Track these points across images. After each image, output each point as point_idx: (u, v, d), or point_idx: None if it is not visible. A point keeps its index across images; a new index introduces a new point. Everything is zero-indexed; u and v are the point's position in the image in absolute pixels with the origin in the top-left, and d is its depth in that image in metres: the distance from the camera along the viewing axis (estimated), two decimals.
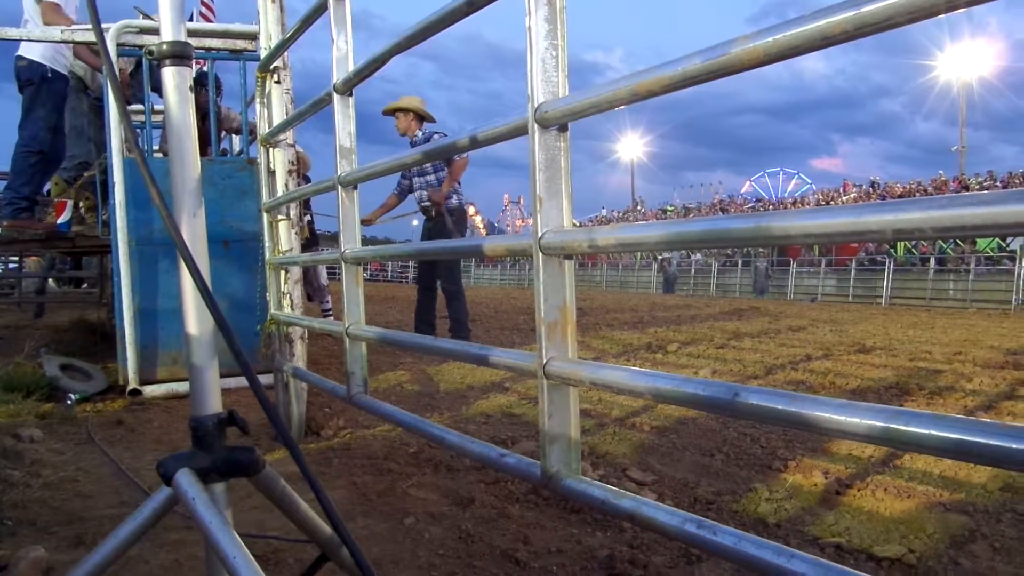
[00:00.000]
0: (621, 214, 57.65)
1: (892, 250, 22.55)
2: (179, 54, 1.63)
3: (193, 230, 1.65)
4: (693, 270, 30.30)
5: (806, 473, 3.08)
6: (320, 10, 2.48)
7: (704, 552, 1.98)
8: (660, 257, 30.89)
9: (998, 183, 32.40)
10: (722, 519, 2.62)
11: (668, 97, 1.22)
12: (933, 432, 0.95)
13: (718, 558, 1.96)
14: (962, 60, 43.72)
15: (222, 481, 1.65)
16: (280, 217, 3.54)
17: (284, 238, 3.56)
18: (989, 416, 4.14)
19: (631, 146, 65.37)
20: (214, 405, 1.67)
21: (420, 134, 6.89)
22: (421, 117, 6.92)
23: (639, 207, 57.84)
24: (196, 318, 1.61)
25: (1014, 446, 0.88)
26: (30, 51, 5.62)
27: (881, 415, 1.00)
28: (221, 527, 1.49)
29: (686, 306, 13.41)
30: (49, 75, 5.67)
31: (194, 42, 5.11)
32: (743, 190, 52.02)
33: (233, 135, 7.34)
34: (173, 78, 1.63)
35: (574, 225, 1.54)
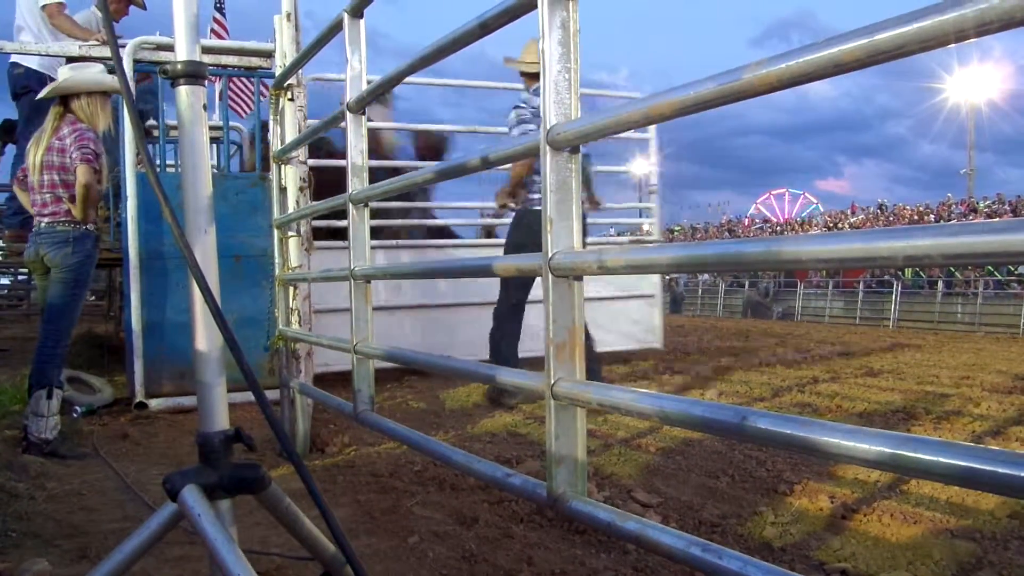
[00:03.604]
0: (630, 234, 57.60)
1: (900, 272, 22.49)
2: (193, 73, 1.65)
3: (204, 246, 1.66)
4: (700, 290, 30.26)
5: (812, 497, 3.06)
6: (335, 29, 2.50)
7: None
8: (668, 277, 30.86)
9: (1006, 206, 32.32)
10: (727, 542, 2.60)
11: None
12: (941, 459, 0.95)
13: None
14: (969, 84, 43.77)
15: (228, 498, 1.65)
16: (291, 234, 3.56)
17: (294, 254, 3.57)
18: (997, 442, 4.12)
19: (641, 166, 65.38)
20: (221, 422, 1.68)
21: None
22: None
23: (645, 227, 57.72)
24: (205, 334, 1.63)
25: (1022, 474, 0.88)
26: (27, 58, 5.56)
27: (889, 441, 1.00)
28: (226, 544, 1.49)
29: (694, 328, 13.40)
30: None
31: (210, 59, 5.17)
32: (750, 211, 51.99)
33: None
34: (187, 97, 1.66)
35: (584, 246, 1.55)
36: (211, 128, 7.00)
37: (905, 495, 3.08)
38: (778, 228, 45.87)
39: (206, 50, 5.06)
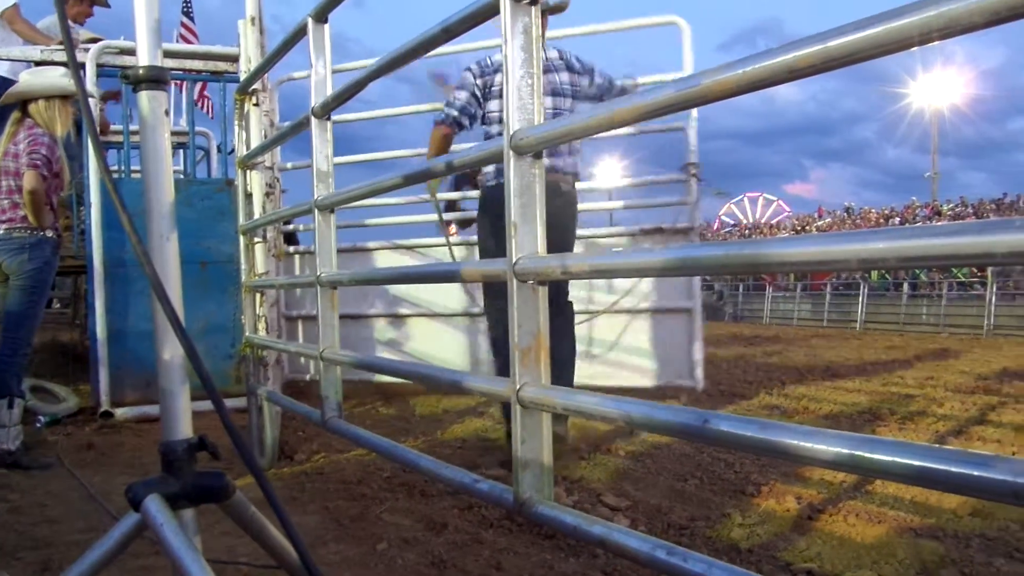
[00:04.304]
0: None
1: (867, 275, 22.78)
2: (155, 78, 1.63)
3: (166, 254, 1.65)
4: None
5: (779, 498, 3.09)
6: (299, 34, 2.49)
7: None
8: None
9: (969, 208, 32.90)
10: (695, 544, 2.62)
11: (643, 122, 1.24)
12: (898, 459, 0.97)
13: None
14: (933, 89, 44.53)
15: (191, 507, 1.64)
16: (257, 239, 3.53)
17: (260, 260, 3.55)
18: (959, 441, 4.19)
19: (609, 171, 65.77)
20: (185, 430, 1.66)
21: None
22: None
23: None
24: (167, 342, 1.61)
25: (975, 473, 0.90)
26: None
27: (847, 442, 1.02)
28: (189, 554, 1.47)
29: None
30: None
31: (174, 63, 5.12)
32: (720, 213, 52.37)
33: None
34: (148, 102, 1.64)
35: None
36: (177, 133, 6.98)
37: (870, 495, 3.11)
38: (747, 231, 46.30)
39: (171, 54, 5.01)
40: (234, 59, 4.74)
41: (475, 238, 4.04)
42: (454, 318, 5.35)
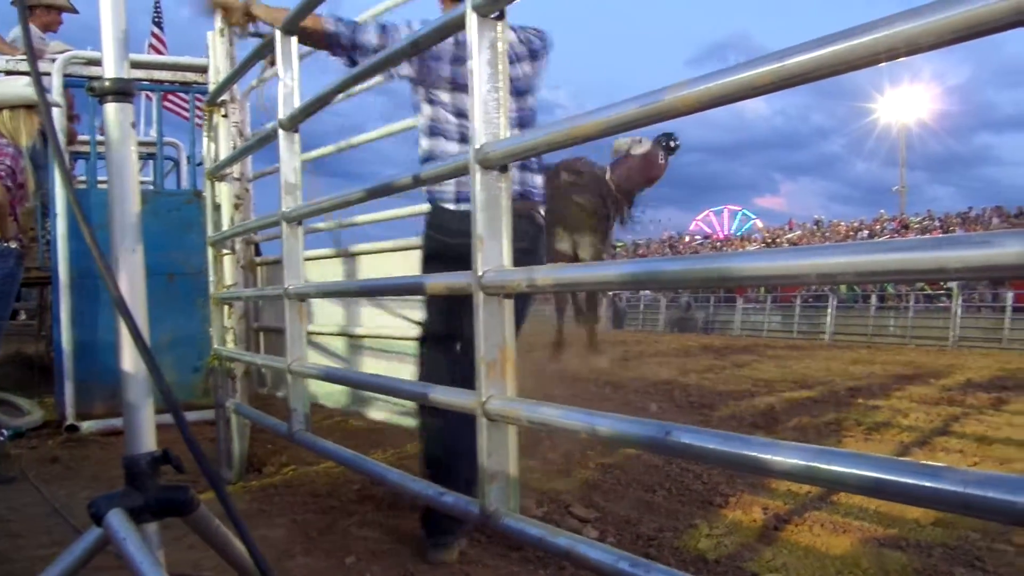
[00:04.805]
0: None
1: (835, 287, 23.04)
2: (121, 91, 1.63)
3: (131, 266, 1.64)
4: (642, 305, 30.52)
5: (746, 509, 3.11)
6: (267, 47, 2.49)
7: None
8: (611, 292, 31.05)
9: (936, 222, 33.41)
10: (663, 555, 2.63)
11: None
12: (853, 471, 0.98)
13: None
14: (900, 104, 45.30)
15: (154, 521, 1.62)
16: (225, 251, 3.51)
17: (229, 272, 3.52)
18: (923, 451, 4.25)
19: None
20: (148, 443, 1.65)
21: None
22: None
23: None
24: (131, 354, 1.59)
25: (927, 484, 0.91)
26: None
27: (804, 454, 1.03)
28: (152, 568, 1.46)
29: (636, 341, 13.56)
30: None
31: (143, 74, 5.08)
32: (691, 227, 52.74)
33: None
34: (115, 114, 1.63)
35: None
36: (146, 144, 6.91)
37: (835, 506, 3.15)
38: (718, 244, 46.65)
39: (139, 65, 4.98)
40: (203, 70, 4.71)
41: None
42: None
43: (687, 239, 48.95)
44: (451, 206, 2.65)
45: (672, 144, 11.19)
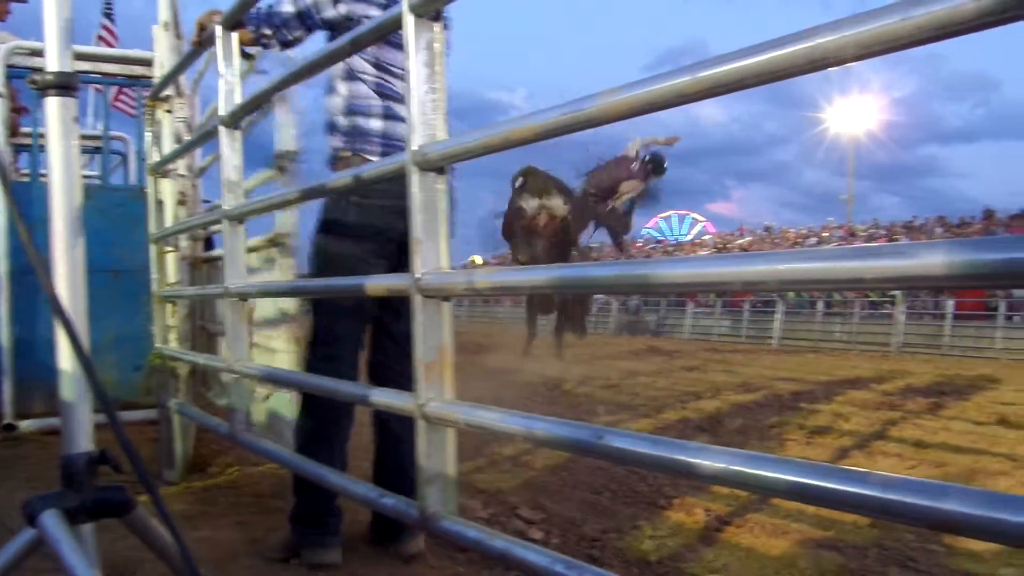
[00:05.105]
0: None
1: (784, 293, 23.41)
2: (64, 84, 1.59)
3: (71, 262, 1.60)
4: (595, 308, 30.68)
5: (689, 511, 3.15)
6: (208, 43, 2.45)
7: None
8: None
9: (882, 230, 34.11)
10: (606, 557, 2.65)
11: (567, 136, 1.26)
12: (780, 476, 1.00)
13: None
14: (850, 114, 46.24)
15: (91, 522, 1.59)
16: (168, 248, 3.45)
17: (172, 270, 3.46)
18: (862, 455, 4.33)
19: None
20: (85, 443, 1.62)
21: None
22: None
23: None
24: (68, 352, 1.56)
25: (850, 489, 0.93)
26: None
27: (733, 458, 1.05)
28: (86, 570, 1.43)
29: (585, 344, 13.62)
30: None
31: (90, 66, 4.97)
32: (643, 231, 53.13)
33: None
34: (57, 109, 1.60)
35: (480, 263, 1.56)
36: (92, 137, 6.76)
37: (775, 508, 3.20)
38: (670, 248, 47.09)
39: (85, 57, 4.87)
40: (150, 63, 4.63)
41: None
42: None
43: (639, 243, 49.34)
44: (376, 159, 2.50)
45: (655, 164, 11.52)
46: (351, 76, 2.54)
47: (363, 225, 2.46)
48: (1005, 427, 5.29)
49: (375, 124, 2.52)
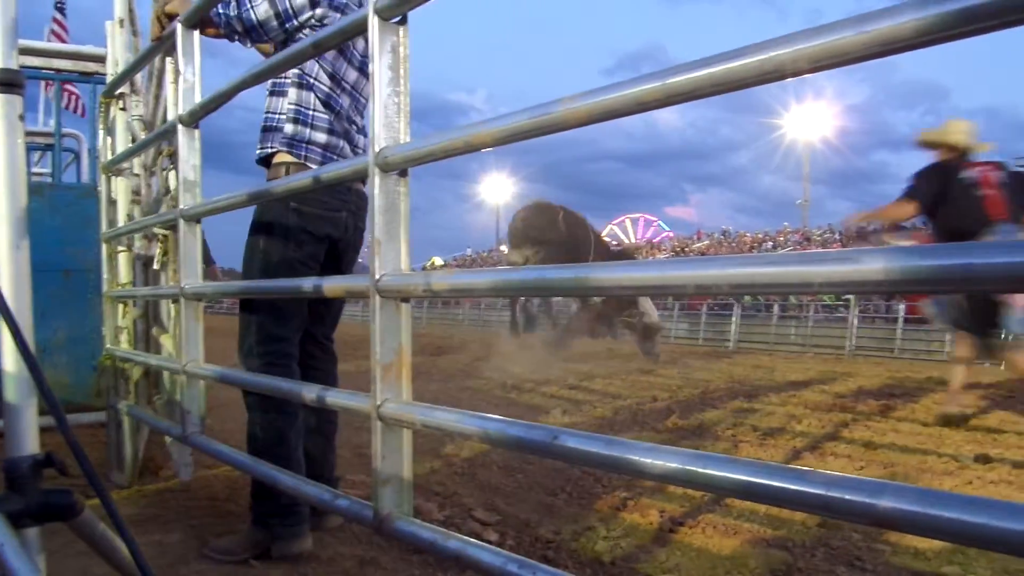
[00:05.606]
0: (487, 254, 58.25)
1: (740, 297, 23.69)
2: (9, 82, 1.57)
3: (17, 262, 1.58)
4: (554, 310, 30.73)
5: (643, 512, 3.19)
6: (168, 40, 2.43)
7: None
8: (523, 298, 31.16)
9: (836, 235, 34.71)
10: (560, 558, 2.67)
11: (531, 140, 1.28)
12: (726, 475, 1.03)
13: None
14: (805, 120, 47.01)
15: (35, 526, 1.57)
16: (120, 248, 3.40)
17: (124, 270, 3.42)
18: (813, 456, 4.41)
19: (497, 187, 66.50)
20: (30, 446, 1.59)
21: None
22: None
23: (503, 247, 58.58)
24: (12, 354, 1.54)
25: (792, 487, 0.96)
26: None
27: (681, 458, 1.07)
28: (30, 575, 1.41)
29: (537, 347, 13.67)
30: None
31: (42, 62, 4.89)
32: (603, 234, 53.44)
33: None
34: (2, 106, 1.57)
35: (438, 265, 1.57)
36: (44, 134, 6.63)
37: (728, 508, 3.25)
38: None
39: (35, 52, 4.79)
40: (103, 60, 4.57)
41: None
42: None
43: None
44: (316, 167, 2.50)
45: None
46: (303, 83, 2.55)
47: (303, 230, 2.53)
48: (952, 428, 5.42)
49: (319, 137, 2.56)
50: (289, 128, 2.55)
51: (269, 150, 2.59)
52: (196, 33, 2.29)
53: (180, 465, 3.32)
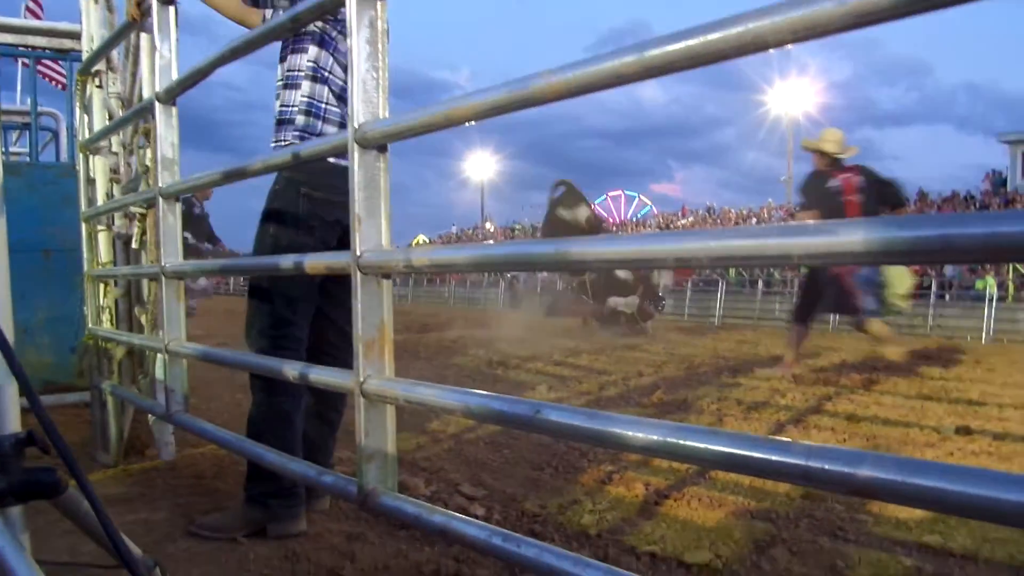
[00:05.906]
0: (471, 231, 58.18)
1: (724, 272, 23.77)
2: None
3: None
4: (539, 288, 30.75)
5: (629, 485, 3.21)
6: (146, 15, 2.40)
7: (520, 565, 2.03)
8: (510, 275, 31.19)
9: None
10: (547, 532, 2.69)
11: (515, 118, 1.27)
12: (708, 446, 1.03)
13: None
14: (789, 97, 47.03)
15: (18, 504, 1.57)
16: (100, 227, 3.37)
17: (104, 249, 3.39)
18: (797, 429, 4.45)
19: (481, 165, 66.27)
20: (11, 424, 1.59)
21: None
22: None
23: (488, 224, 58.55)
24: None
25: (773, 458, 0.97)
26: None
27: (663, 431, 1.08)
28: (15, 554, 1.42)
29: (530, 325, 13.71)
30: None
31: (16, 39, 4.82)
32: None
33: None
34: None
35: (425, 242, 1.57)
36: (20, 112, 6.54)
37: (712, 481, 3.28)
38: (614, 228, 47.46)
39: (9, 29, 4.71)
40: (79, 36, 4.51)
41: None
42: None
43: None
44: (332, 161, 2.55)
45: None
46: (317, 76, 2.57)
47: (313, 215, 2.53)
48: (933, 401, 5.48)
49: (331, 130, 2.58)
50: (301, 120, 2.57)
51: (283, 143, 2.60)
52: (172, 8, 2.26)
53: (161, 444, 3.32)
